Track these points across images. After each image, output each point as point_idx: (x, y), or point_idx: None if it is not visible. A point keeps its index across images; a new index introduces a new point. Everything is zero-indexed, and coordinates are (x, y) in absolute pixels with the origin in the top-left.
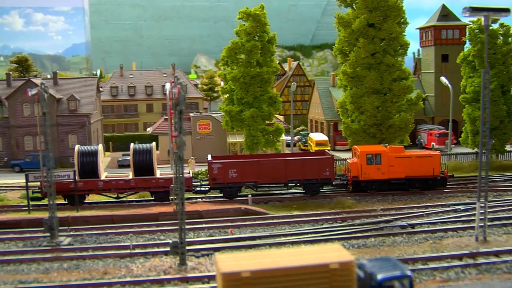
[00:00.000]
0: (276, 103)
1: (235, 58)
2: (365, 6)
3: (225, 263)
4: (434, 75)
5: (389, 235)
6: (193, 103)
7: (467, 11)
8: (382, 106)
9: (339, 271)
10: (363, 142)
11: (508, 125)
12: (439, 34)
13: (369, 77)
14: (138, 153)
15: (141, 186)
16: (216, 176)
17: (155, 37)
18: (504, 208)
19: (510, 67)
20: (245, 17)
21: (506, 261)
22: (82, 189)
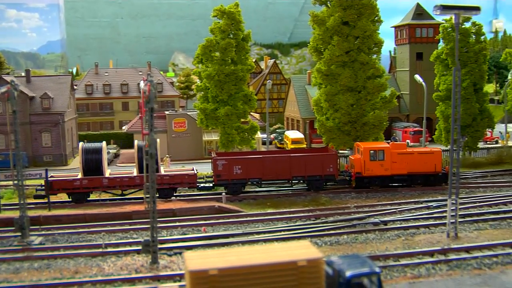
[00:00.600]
0: (251, 101)
1: (210, 56)
2: (340, 4)
3: (193, 261)
4: (409, 73)
5: (362, 232)
6: (169, 101)
7: (438, 9)
8: (356, 104)
9: (307, 268)
10: (338, 139)
11: (480, 122)
12: (414, 33)
13: (344, 75)
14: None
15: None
16: (220, 172)
17: (132, 34)
18: (476, 204)
19: (482, 65)
20: (219, 15)
21: (477, 257)
22: (87, 186)
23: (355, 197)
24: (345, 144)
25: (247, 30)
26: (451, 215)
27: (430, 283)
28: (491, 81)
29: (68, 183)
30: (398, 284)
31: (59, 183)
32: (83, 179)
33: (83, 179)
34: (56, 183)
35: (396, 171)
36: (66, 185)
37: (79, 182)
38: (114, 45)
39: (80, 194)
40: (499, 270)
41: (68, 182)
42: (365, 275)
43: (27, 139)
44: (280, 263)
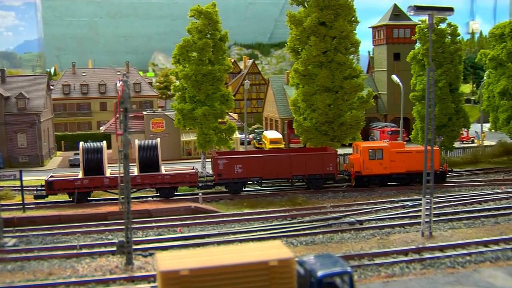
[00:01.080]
0: (228, 101)
1: (187, 56)
2: (317, 4)
3: (164, 262)
4: (387, 73)
5: (337, 232)
6: (148, 102)
7: (412, 9)
8: (333, 104)
9: (278, 268)
10: (315, 139)
11: (456, 122)
12: (391, 33)
13: (321, 75)
14: (144, 149)
15: (147, 183)
16: (221, 171)
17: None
18: (451, 203)
19: (458, 65)
20: (196, 14)
21: (450, 255)
22: (88, 186)
23: (331, 197)
24: (322, 144)
25: (224, 30)
26: (425, 214)
27: (404, 282)
28: (467, 82)
29: (69, 183)
30: (372, 283)
31: (60, 183)
32: (84, 179)
33: (84, 179)
34: (56, 183)
35: (394, 170)
36: (67, 185)
37: (80, 182)
38: (93, 44)
39: (81, 194)
40: (472, 268)
41: (69, 182)
42: (336, 274)
43: (2, 140)
44: (251, 263)
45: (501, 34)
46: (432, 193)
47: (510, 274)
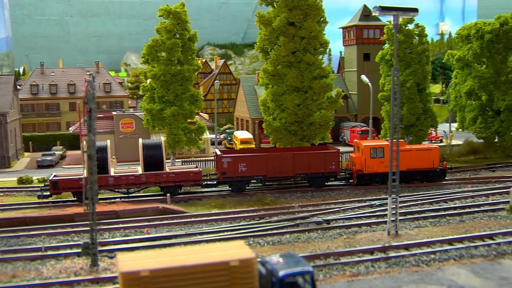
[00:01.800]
0: (197, 101)
1: (156, 56)
2: (285, 5)
3: (125, 263)
4: (357, 74)
5: (304, 231)
6: (118, 102)
7: (377, 10)
8: (302, 104)
9: (239, 268)
10: (285, 139)
11: (424, 122)
12: (361, 34)
13: (290, 75)
14: (149, 148)
15: (151, 181)
16: (226, 170)
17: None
18: (417, 202)
19: (425, 66)
20: (165, 14)
21: (415, 254)
22: None
23: (300, 197)
24: (292, 144)
25: (193, 30)
26: (391, 214)
27: (368, 281)
28: (437, 82)
29: (74, 182)
30: (337, 282)
31: (65, 182)
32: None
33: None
34: (61, 182)
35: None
36: (72, 184)
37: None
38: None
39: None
40: (436, 266)
41: (73, 181)
42: (298, 274)
43: None
44: (212, 263)
45: (467, 35)
46: (397, 193)
47: (473, 272)
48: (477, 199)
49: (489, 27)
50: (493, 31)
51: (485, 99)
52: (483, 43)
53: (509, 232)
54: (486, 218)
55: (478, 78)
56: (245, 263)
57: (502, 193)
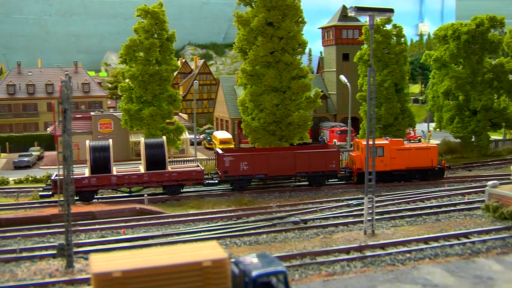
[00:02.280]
0: (176, 101)
1: (134, 56)
2: (264, 5)
3: (97, 264)
4: (336, 74)
5: (281, 231)
6: (97, 102)
7: (353, 10)
8: (281, 104)
9: (212, 268)
10: (263, 139)
11: (402, 121)
12: (340, 34)
13: (268, 75)
14: (151, 147)
15: (154, 180)
16: (227, 168)
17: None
18: (394, 201)
19: (403, 66)
20: (143, 14)
21: (391, 253)
22: (95, 184)
23: (278, 197)
24: (270, 144)
25: (171, 30)
26: (368, 213)
27: (344, 280)
28: (416, 82)
29: (76, 181)
30: (312, 282)
31: None
32: (91, 177)
33: (91, 177)
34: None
35: (395, 167)
36: (74, 184)
37: (87, 180)
38: (42, 43)
39: (88, 193)
40: (411, 265)
41: (76, 180)
42: (270, 274)
43: None
44: (185, 264)
45: (444, 35)
46: (374, 192)
47: (448, 271)
48: (453, 198)
49: (466, 28)
50: (469, 32)
51: (462, 99)
52: (460, 44)
53: (484, 230)
54: (461, 217)
55: (455, 78)
56: (217, 263)
57: (478, 192)
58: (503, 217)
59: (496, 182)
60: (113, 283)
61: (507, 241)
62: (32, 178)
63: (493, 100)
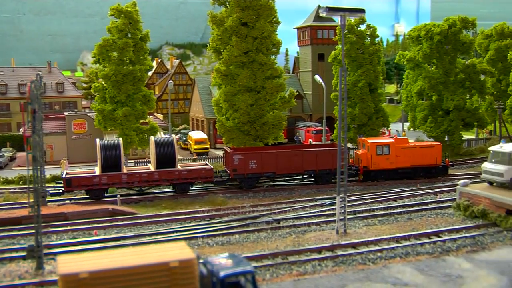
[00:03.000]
0: (149, 101)
1: (107, 56)
2: (238, 5)
3: (65, 265)
4: (311, 74)
5: (254, 231)
6: (71, 102)
7: (324, 10)
8: (255, 104)
9: (179, 269)
10: (238, 139)
11: (376, 121)
12: (315, 34)
13: (242, 75)
14: (161, 146)
15: (164, 178)
16: (236, 167)
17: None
18: (368, 201)
19: (377, 66)
20: (116, 13)
21: (362, 252)
22: (106, 182)
23: (252, 197)
24: (245, 144)
25: (145, 30)
26: (340, 212)
27: (315, 280)
28: (392, 82)
29: (87, 179)
30: (283, 282)
31: (78, 179)
32: (102, 176)
33: (102, 176)
34: (75, 180)
35: (400, 165)
36: (85, 182)
37: (98, 178)
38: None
39: (99, 191)
40: (382, 264)
41: (87, 178)
42: (238, 274)
43: None
44: (152, 264)
45: (418, 36)
46: (346, 191)
47: (418, 269)
48: (425, 197)
49: (438, 29)
50: (441, 33)
51: (435, 99)
52: (433, 44)
53: (454, 229)
54: (433, 216)
55: (428, 78)
56: (185, 263)
57: (449, 191)
58: (474, 216)
59: (467, 181)
60: (80, 284)
61: (477, 239)
62: (3, 179)
63: (465, 100)
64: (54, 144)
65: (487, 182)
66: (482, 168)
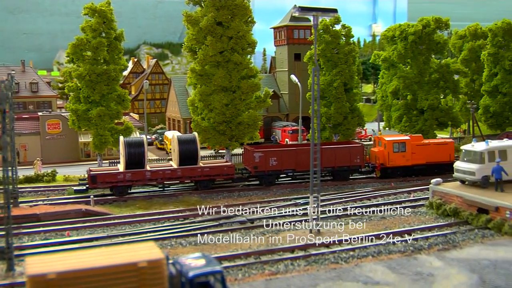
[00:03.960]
0: (124, 101)
1: (81, 55)
2: (213, 4)
3: (33, 265)
4: (288, 74)
5: (228, 231)
6: (46, 102)
7: (297, 10)
8: (231, 104)
9: (148, 269)
10: (213, 139)
11: (351, 121)
12: (292, 34)
13: (218, 75)
14: (184, 143)
15: (187, 175)
16: (257, 164)
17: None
18: (342, 200)
19: (352, 66)
20: (90, 13)
21: (335, 251)
22: (130, 179)
23: (226, 197)
24: (220, 144)
25: (120, 29)
26: (313, 212)
27: (286, 279)
28: (369, 82)
29: (112, 176)
30: (255, 281)
31: (103, 176)
32: (126, 173)
33: (126, 173)
34: (100, 177)
35: (416, 161)
36: (110, 179)
37: (122, 175)
38: None
39: (123, 188)
40: (354, 263)
41: (112, 175)
42: (207, 274)
43: None
44: (120, 265)
45: (392, 36)
46: (319, 191)
47: (389, 268)
48: (399, 196)
49: (412, 29)
50: (416, 33)
51: (410, 98)
52: (407, 44)
53: (426, 227)
54: (406, 215)
55: (403, 78)
56: (153, 264)
57: (423, 189)
58: (446, 214)
59: (440, 179)
60: (47, 285)
61: (449, 237)
62: None
63: (439, 99)
64: (27, 144)
65: (459, 181)
66: (454, 167)
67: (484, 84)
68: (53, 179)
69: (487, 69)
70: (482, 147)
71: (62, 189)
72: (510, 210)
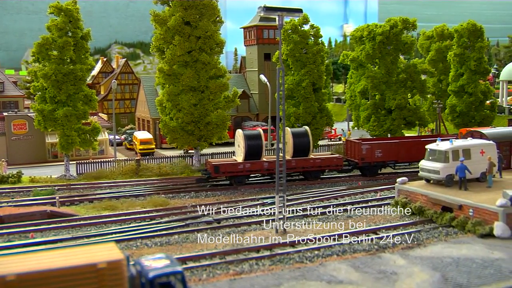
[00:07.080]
0: (91, 101)
1: (47, 55)
2: (181, 4)
3: None
4: (258, 73)
5: (194, 231)
6: (12, 102)
7: (262, 10)
8: (199, 104)
9: (107, 270)
10: (181, 139)
11: (320, 120)
12: (261, 34)
13: (186, 74)
14: (297, 136)
15: (300, 166)
16: (364, 156)
17: None
18: (309, 199)
19: (320, 66)
20: (56, 11)
21: (300, 250)
22: (249, 169)
23: (194, 197)
24: (189, 144)
25: (86, 29)
26: (279, 211)
27: (251, 279)
28: (340, 82)
29: (233, 166)
30: (219, 281)
31: (225, 166)
32: (246, 163)
33: (246, 163)
34: (222, 167)
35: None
36: (231, 169)
37: (242, 165)
38: None
39: (242, 177)
40: (318, 262)
41: (233, 165)
42: (167, 275)
43: None
44: (79, 266)
45: (361, 36)
46: (285, 191)
47: (353, 267)
48: (366, 195)
49: (380, 30)
50: (383, 33)
51: (378, 98)
52: (375, 45)
53: (392, 226)
54: (372, 213)
55: (371, 78)
56: (113, 265)
57: (389, 188)
58: (411, 213)
59: (405, 178)
60: (7, 287)
61: (413, 236)
62: None
63: (407, 99)
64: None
65: (424, 180)
66: (419, 165)
67: (451, 84)
68: (18, 180)
69: (453, 70)
70: (446, 146)
71: (28, 191)
72: (473, 208)
